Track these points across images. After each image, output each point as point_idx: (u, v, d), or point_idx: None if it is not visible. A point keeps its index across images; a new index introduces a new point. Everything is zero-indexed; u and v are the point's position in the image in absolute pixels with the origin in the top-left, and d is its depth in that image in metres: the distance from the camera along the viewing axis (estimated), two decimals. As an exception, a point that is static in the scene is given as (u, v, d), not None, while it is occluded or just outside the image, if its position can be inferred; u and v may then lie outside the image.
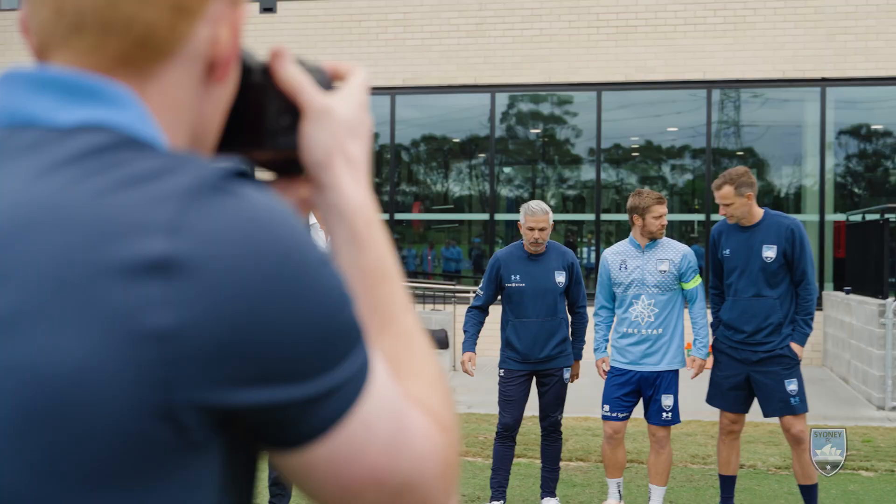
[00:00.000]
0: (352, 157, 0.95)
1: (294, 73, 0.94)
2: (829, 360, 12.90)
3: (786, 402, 5.86)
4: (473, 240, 15.81)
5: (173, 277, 0.73)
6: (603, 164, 14.75)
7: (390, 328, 0.93)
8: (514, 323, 6.40)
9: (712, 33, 13.81)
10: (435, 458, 0.86)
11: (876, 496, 6.77)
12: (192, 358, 0.72)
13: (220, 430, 0.76)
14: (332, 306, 0.79)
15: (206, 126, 0.91)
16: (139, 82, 0.84)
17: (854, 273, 12.54)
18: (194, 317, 0.73)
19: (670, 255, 6.16)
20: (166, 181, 0.76)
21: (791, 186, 14.99)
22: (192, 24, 0.84)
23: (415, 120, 15.42)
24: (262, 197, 0.79)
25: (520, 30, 14.24)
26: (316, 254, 0.80)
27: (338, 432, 0.80)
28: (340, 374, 0.79)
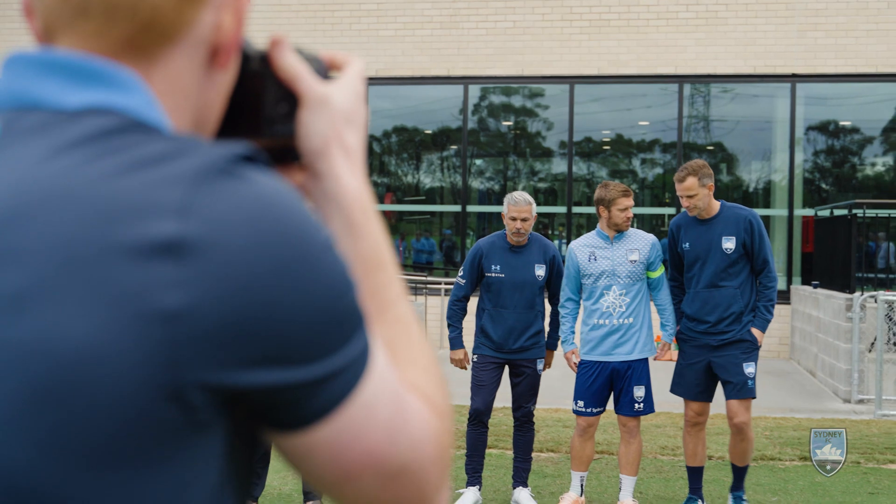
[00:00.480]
0: (348, 147, 0.96)
1: (292, 61, 0.94)
2: (796, 354, 13.03)
3: (744, 383, 5.97)
4: (444, 231, 15.83)
5: (182, 259, 0.74)
6: (574, 157, 14.79)
7: (386, 315, 0.94)
8: (490, 312, 6.41)
9: (685, 28, 13.88)
10: (431, 442, 0.87)
11: (842, 487, 6.86)
12: (200, 338, 0.73)
13: (225, 410, 0.77)
14: (337, 290, 0.80)
15: (208, 111, 0.91)
16: (144, 67, 0.84)
17: (822, 268, 12.67)
18: (203, 298, 0.74)
19: (639, 246, 6.21)
20: (175, 164, 0.77)
21: (760, 181, 15.11)
22: (198, 9, 0.85)
23: (387, 111, 15.40)
24: (269, 181, 0.80)
25: (493, 22, 14.25)
26: (322, 237, 0.81)
27: (340, 415, 0.81)
28: (343, 357, 0.80)
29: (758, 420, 9.14)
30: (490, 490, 6.70)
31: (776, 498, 6.64)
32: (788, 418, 9.30)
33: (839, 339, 10.47)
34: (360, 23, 14.50)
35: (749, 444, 6.08)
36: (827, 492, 6.74)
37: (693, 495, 6.24)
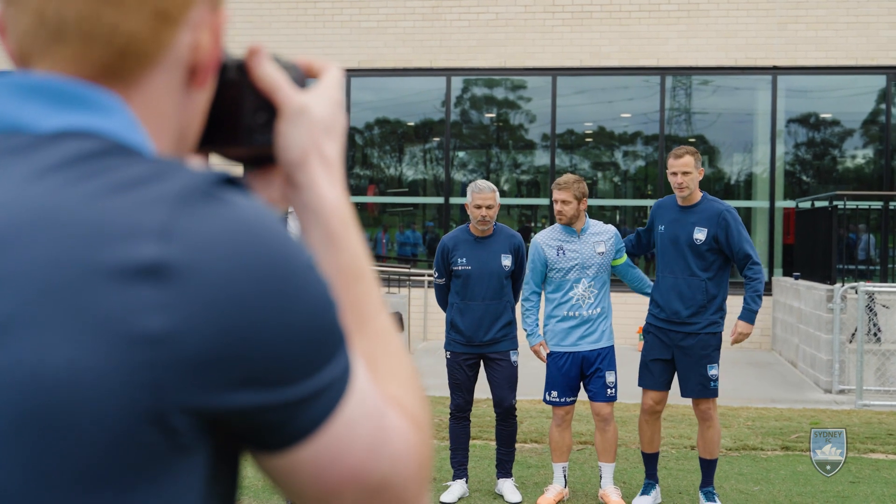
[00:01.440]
0: (327, 157, 0.96)
1: (270, 71, 0.94)
2: (777, 345, 13.10)
3: (705, 385, 6.06)
4: (427, 223, 15.82)
5: (165, 282, 0.73)
6: (557, 149, 14.81)
7: (366, 328, 0.94)
8: (458, 305, 6.41)
9: (666, 20, 13.91)
10: (411, 456, 0.87)
11: (824, 476, 6.90)
12: (182, 362, 0.73)
13: (207, 432, 0.77)
14: (319, 311, 0.80)
15: (188, 130, 0.91)
16: (123, 89, 0.84)
17: (803, 259, 12.73)
18: (185, 321, 0.73)
19: (604, 238, 6.27)
20: (157, 186, 0.77)
21: (742, 173, 15.17)
22: (175, 31, 0.84)
23: (369, 103, 15.37)
24: (250, 204, 0.80)
25: (476, 13, 14.24)
26: (303, 259, 0.80)
27: (322, 434, 0.81)
28: (325, 377, 0.80)
29: (739, 410, 9.20)
30: (476, 481, 6.72)
31: (758, 487, 6.68)
32: (770, 409, 9.36)
33: (820, 329, 10.54)
34: (342, 14, 14.46)
35: (716, 432, 6.14)
36: (809, 481, 6.79)
37: (650, 480, 6.30)
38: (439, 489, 6.51)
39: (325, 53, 14.49)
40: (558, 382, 6.26)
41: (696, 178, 6.07)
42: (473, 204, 6.35)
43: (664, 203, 6.32)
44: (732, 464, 7.29)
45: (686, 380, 6.08)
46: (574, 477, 6.84)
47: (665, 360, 6.15)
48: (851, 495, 6.53)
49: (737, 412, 9.13)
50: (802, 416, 9.02)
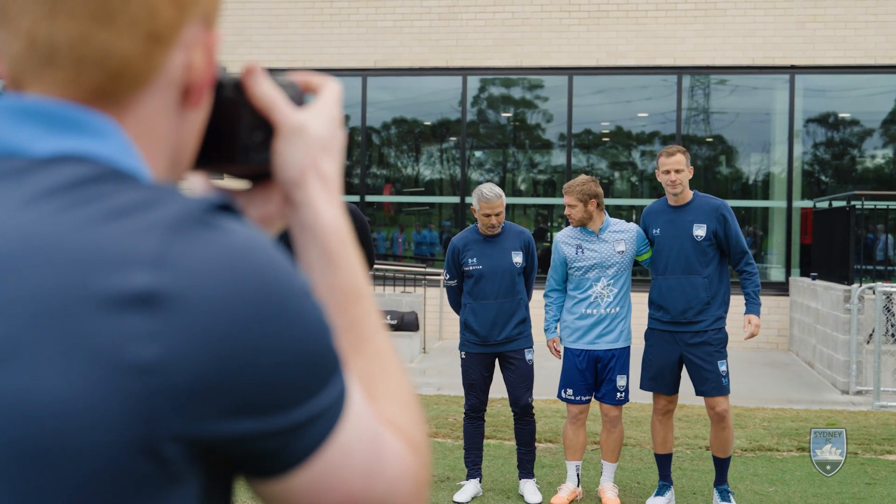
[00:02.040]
0: (325, 175, 0.95)
1: (267, 89, 0.94)
2: (794, 345, 13.04)
3: (718, 382, 6.03)
4: (444, 223, 15.81)
5: (157, 311, 0.73)
6: (574, 148, 14.78)
7: (364, 348, 0.93)
8: (472, 305, 6.41)
9: (683, 19, 13.86)
10: (408, 479, 0.87)
11: (839, 478, 6.86)
12: (175, 391, 0.73)
13: (200, 460, 0.76)
14: (313, 337, 0.80)
15: (184, 150, 0.90)
16: (116, 112, 0.83)
17: (820, 259, 12.66)
18: (178, 350, 0.73)
19: (625, 237, 6.26)
20: (150, 213, 0.76)
21: (759, 173, 15.09)
22: (167, 52, 0.84)
23: (386, 102, 15.38)
24: (245, 230, 0.79)
25: (492, 13, 14.22)
26: (297, 284, 0.80)
27: (317, 460, 0.80)
28: (320, 403, 0.80)
29: (755, 411, 9.16)
30: (489, 480, 6.72)
31: (773, 488, 6.65)
32: (787, 409, 9.31)
33: (837, 330, 10.48)
34: (358, 13, 14.48)
35: (730, 432, 6.13)
36: (824, 482, 6.75)
37: (664, 481, 6.29)
38: (453, 489, 6.51)
39: (341, 53, 14.51)
40: (574, 380, 6.27)
41: (688, 176, 6.10)
42: (481, 212, 6.32)
43: (654, 208, 6.32)
44: (748, 464, 7.26)
45: (700, 379, 6.06)
46: (588, 477, 6.83)
47: (671, 362, 6.13)
48: (867, 497, 6.49)
49: (753, 413, 9.09)
50: (819, 417, 8.97)
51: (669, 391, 6.17)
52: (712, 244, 6.05)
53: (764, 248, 14.89)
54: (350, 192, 15.08)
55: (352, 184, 15.28)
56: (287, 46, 14.61)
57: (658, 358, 6.16)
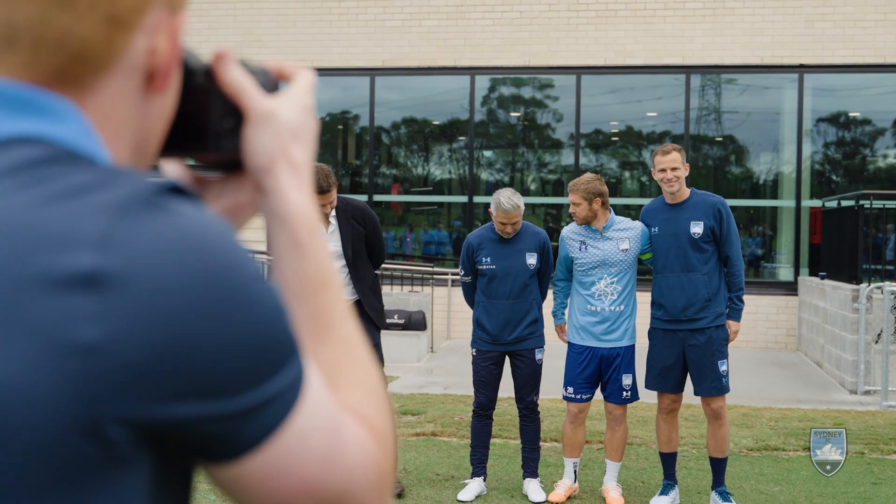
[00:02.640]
0: (295, 162, 0.95)
1: (237, 75, 0.93)
2: (803, 345, 13.00)
3: (717, 382, 6.05)
4: (454, 222, 15.81)
5: (101, 292, 0.72)
6: (582, 148, 14.77)
7: (330, 336, 0.93)
8: (484, 304, 6.42)
9: (692, 18, 13.83)
10: (369, 468, 0.86)
11: (845, 478, 6.84)
12: (118, 373, 0.72)
13: (149, 444, 0.75)
14: (265, 321, 0.79)
15: (149, 136, 0.89)
16: (77, 95, 0.82)
17: (829, 259, 12.63)
18: (121, 332, 0.72)
19: (629, 235, 6.26)
20: (98, 195, 0.75)
21: (768, 172, 15.05)
22: (129, 36, 0.82)
23: (395, 102, 15.39)
24: (195, 213, 0.78)
25: (500, 12, 14.22)
26: (250, 269, 0.79)
27: (271, 445, 0.79)
28: (273, 387, 0.79)
29: (762, 411, 9.13)
30: (494, 479, 6.71)
31: (778, 487, 6.63)
32: (794, 409, 9.28)
33: (846, 330, 10.44)
34: (366, 13, 14.49)
35: (726, 430, 6.14)
36: (830, 482, 6.72)
37: (669, 481, 6.28)
38: (457, 487, 6.51)
39: (350, 53, 14.52)
40: (575, 379, 6.30)
41: (684, 174, 6.11)
42: (498, 220, 6.32)
43: (652, 206, 6.34)
44: (753, 464, 7.24)
45: (699, 379, 6.07)
46: (593, 476, 6.82)
47: (674, 361, 6.13)
48: (873, 496, 6.47)
49: (760, 412, 9.06)
50: (826, 416, 8.94)
51: (673, 390, 6.18)
52: (710, 241, 6.06)
53: (773, 247, 14.85)
54: (358, 191, 15.10)
55: (360, 183, 15.29)
56: (295, 46, 14.63)
57: (661, 357, 6.16)
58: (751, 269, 14.75)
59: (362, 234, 6.40)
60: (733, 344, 6.54)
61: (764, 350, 13.34)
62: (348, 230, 6.35)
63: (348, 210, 6.40)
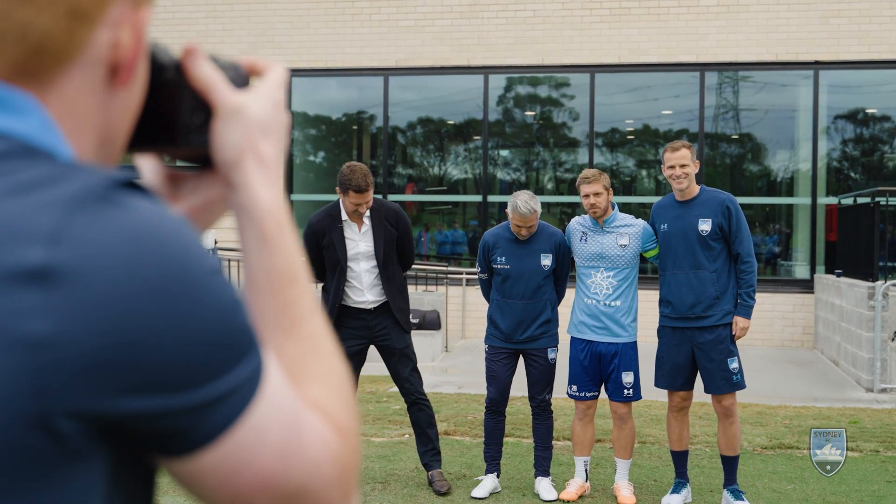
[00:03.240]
0: (263, 157, 0.95)
1: (206, 70, 0.93)
2: (819, 343, 12.93)
3: (728, 380, 6.03)
4: (469, 222, 15.81)
5: (51, 286, 0.72)
6: (599, 147, 14.74)
7: (296, 331, 0.93)
8: (499, 302, 6.44)
9: (706, 15, 13.78)
10: (331, 463, 0.86)
11: (860, 476, 6.81)
12: (67, 366, 0.72)
13: (103, 438, 0.76)
14: (220, 317, 0.79)
15: (114, 130, 0.89)
16: (38, 89, 0.82)
17: (845, 256, 12.56)
18: (71, 326, 0.72)
19: (630, 231, 6.27)
20: (52, 190, 0.75)
21: (783, 170, 14.98)
22: (91, 29, 0.82)
23: (410, 102, 15.39)
24: (150, 207, 0.78)
25: (513, 11, 14.21)
26: (205, 264, 0.79)
27: (227, 439, 0.79)
28: (229, 382, 0.79)
29: (777, 409, 9.10)
30: (507, 478, 6.72)
31: (791, 486, 6.60)
32: (809, 407, 9.24)
33: (861, 327, 10.39)
34: (379, 13, 14.50)
35: (737, 427, 6.12)
36: (844, 480, 6.69)
37: (681, 479, 6.27)
38: (470, 486, 6.51)
39: (363, 53, 14.54)
40: (579, 376, 6.31)
41: (694, 171, 6.10)
42: (514, 222, 6.32)
43: (663, 203, 6.34)
44: (767, 462, 7.21)
45: (709, 377, 6.05)
46: (605, 475, 6.81)
47: (683, 359, 6.11)
48: (888, 495, 6.43)
49: (774, 410, 9.03)
50: (842, 415, 8.89)
51: (683, 388, 6.16)
52: (718, 239, 6.04)
53: (789, 245, 14.78)
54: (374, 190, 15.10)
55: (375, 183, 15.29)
56: (309, 47, 14.66)
57: (670, 355, 6.15)
58: (767, 267, 14.70)
59: (394, 237, 6.44)
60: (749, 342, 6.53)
61: (780, 348, 13.28)
62: (381, 231, 6.39)
63: (382, 211, 6.45)
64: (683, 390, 6.17)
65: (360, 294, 6.43)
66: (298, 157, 15.74)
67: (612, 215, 6.31)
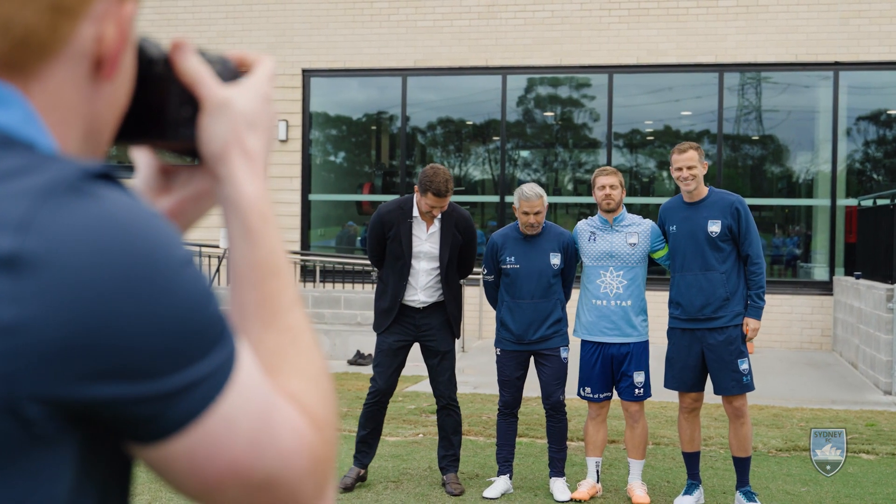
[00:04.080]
0: (249, 151, 0.96)
1: (194, 64, 0.95)
2: (838, 346, 12.86)
3: (738, 381, 6.02)
4: (489, 223, 15.80)
5: (19, 274, 0.73)
6: (620, 148, 14.70)
7: (276, 323, 0.94)
8: (508, 304, 6.43)
9: (725, 16, 13.73)
10: (304, 454, 0.87)
11: (875, 479, 6.77)
12: (34, 351, 0.73)
13: (71, 424, 0.77)
14: (188, 306, 0.80)
15: (99, 122, 0.90)
16: (22, 82, 0.83)
17: (864, 258, 12.48)
18: (38, 312, 0.73)
19: (639, 230, 6.29)
20: (24, 180, 0.77)
21: (803, 171, 14.90)
22: (74, 23, 0.83)
23: (429, 102, 15.39)
24: (120, 198, 0.79)
25: (531, 11, 14.19)
26: (175, 254, 0.80)
27: (197, 427, 0.80)
28: (198, 371, 0.80)
29: (794, 411, 9.06)
30: (520, 478, 6.72)
31: (806, 488, 6.57)
32: (826, 410, 9.19)
33: (880, 330, 10.32)
34: (398, 13, 14.52)
35: (748, 429, 6.10)
36: (858, 483, 6.66)
37: (693, 480, 6.25)
38: (482, 485, 6.52)
39: (381, 53, 14.56)
40: (591, 378, 6.31)
41: (702, 173, 6.10)
42: (521, 210, 6.35)
43: (671, 204, 6.34)
44: (781, 464, 7.18)
45: (719, 378, 6.03)
46: (618, 476, 6.80)
47: (695, 363, 6.10)
48: (902, 498, 6.39)
49: (791, 413, 8.99)
50: (859, 417, 8.84)
51: (693, 389, 6.15)
52: (728, 240, 6.02)
53: (809, 247, 14.70)
54: (391, 191, 15.14)
55: (393, 183, 15.33)
56: (328, 47, 14.69)
57: (680, 356, 6.14)
58: (788, 269, 14.62)
59: (459, 244, 6.50)
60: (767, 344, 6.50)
61: (798, 350, 13.21)
62: (449, 236, 6.46)
63: (454, 216, 6.51)
64: (694, 392, 6.16)
65: (413, 293, 6.47)
66: (319, 158, 15.78)
67: (622, 214, 6.34)
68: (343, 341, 12.37)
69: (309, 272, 14.79)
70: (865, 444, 7.75)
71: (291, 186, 14.90)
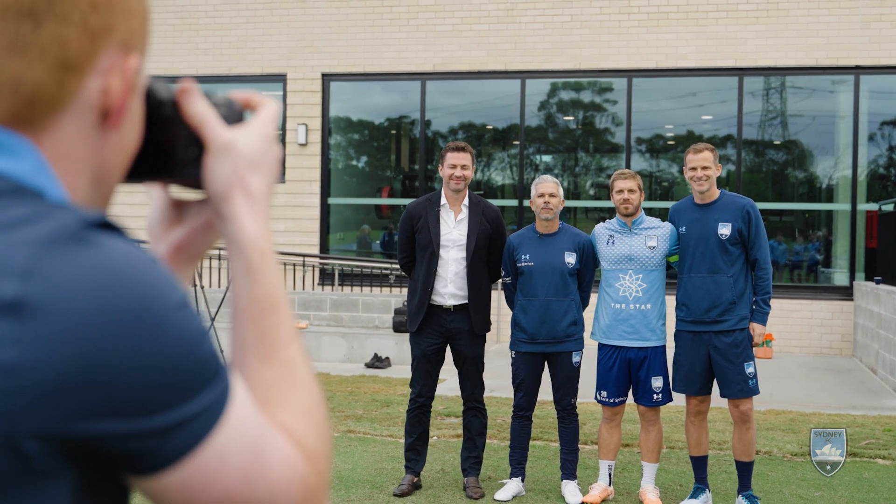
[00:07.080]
0: (251, 191, 1.01)
1: (199, 107, 1.00)
2: (858, 351, 12.78)
3: (745, 384, 6.00)
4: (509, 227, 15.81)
5: (21, 318, 0.78)
6: (638, 151, 14.68)
7: (274, 357, 0.98)
8: (522, 302, 6.45)
9: (745, 20, 13.68)
10: (296, 485, 0.91)
11: (890, 484, 6.73)
12: (33, 391, 0.77)
13: (69, 458, 0.81)
14: (182, 346, 0.84)
15: (107, 169, 0.95)
16: (33, 133, 0.88)
17: (885, 263, 12.40)
18: (38, 355, 0.77)
19: (658, 233, 6.28)
20: (30, 228, 0.81)
21: (823, 176, 14.82)
22: (81, 79, 0.88)
23: (449, 107, 15.41)
24: (119, 246, 0.84)
25: (550, 16, 14.20)
26: (171, 298, 0.84)
27: (190, 461, 0.85)
28: (191, 409, 0.84)
29: (811, 416, 9.01)
30: (532, 481, 6.73)
31: (819, 493, 6.54)
32: (843, 415, 9.14)
33: (899, 335, 10.25)
34: (417, 18, 14.57)
35: (753, 433, 6.09)
36: (873, 488, 6.62)
37: (700, 484, 6.23)
38: (495, 487, 6.53)
39: (401, 57, 14.60)
40: (608, 382, 6.29)
41: (716, 174, 6.09)
42: (536, 193, 6.45)
43: (681, 206, 6.33)
44: (796, 469, 7.15)
45: (725, 381, 6.02)
46: (631, 479, 6.79)
47: (700, 364, 6.09)
48: (917, 503, 6.35)
49: (808, 418, 8.94)
50: (876, 423, 8.78)
51: (700, 392, 6.13)
52: (737, 243, 6.01)
53: (829, 252, 14.61)
54: (411, 195, 15.16)
55: (413, 187, 15.36)
56: (348, 51, 14.75)
57: (686, 359, 6.12)
58: (809, 274, 14.55)
59: (488, 233, 6.54)
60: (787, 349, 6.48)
61: (818, 355, 13.14)
62: (476, 223, 6.51)
63: (481, 205, 6.62)
64: (700, 395, 6.14)
65: (443, 284, 6.50)
66: (341, 162, 15.84)
67: (640, 217, 6.33)
68: (360, 344, 12.41)
69: (328, 276, 14.84)
70: (882, 449, 7.70)
71: (311, 190, 14.97)
